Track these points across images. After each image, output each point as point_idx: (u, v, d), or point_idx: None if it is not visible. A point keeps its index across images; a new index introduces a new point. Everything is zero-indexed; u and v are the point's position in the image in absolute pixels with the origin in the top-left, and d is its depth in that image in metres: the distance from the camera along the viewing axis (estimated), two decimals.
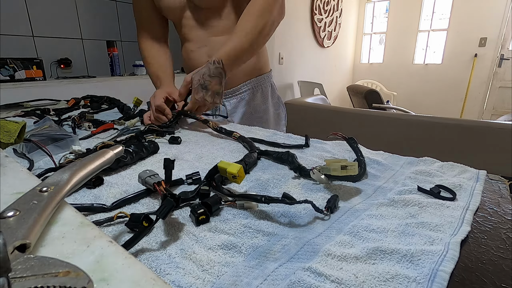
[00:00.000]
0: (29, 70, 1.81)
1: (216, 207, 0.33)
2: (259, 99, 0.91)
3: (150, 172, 0.36)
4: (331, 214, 0.33)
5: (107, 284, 0.16)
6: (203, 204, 0.33)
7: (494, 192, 0.39)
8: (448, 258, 0.25)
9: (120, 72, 2.32)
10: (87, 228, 0.21)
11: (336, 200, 0.35)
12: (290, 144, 0.56)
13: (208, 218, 0.31)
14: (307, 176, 0.42)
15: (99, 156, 0.30)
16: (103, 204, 0.34)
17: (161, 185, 0.33)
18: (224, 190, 0.36)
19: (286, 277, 0.24)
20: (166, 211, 0.28)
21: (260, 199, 0.33)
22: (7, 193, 0.24)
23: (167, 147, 0.56)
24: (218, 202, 0.34)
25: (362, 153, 0.43)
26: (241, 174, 0.34)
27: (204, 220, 0.31)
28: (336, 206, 0.35)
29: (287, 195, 0.33)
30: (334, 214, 0.34)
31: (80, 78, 2.04)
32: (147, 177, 0.35)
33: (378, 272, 0.24)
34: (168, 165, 0.38)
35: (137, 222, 0.28)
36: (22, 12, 2.01)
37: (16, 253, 0.17)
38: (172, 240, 0.28)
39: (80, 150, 0.48)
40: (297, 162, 0.45)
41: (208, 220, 0.31)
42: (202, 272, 0.24)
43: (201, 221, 0.31)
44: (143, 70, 2.40)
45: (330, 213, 0.33)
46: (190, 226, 0.31)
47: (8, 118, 0.73)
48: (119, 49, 2.50)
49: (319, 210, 0.33)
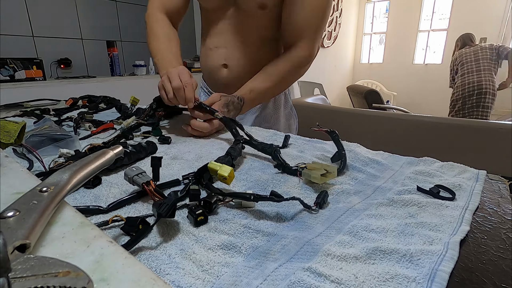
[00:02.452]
0: (29, 70, 1.81)
1: (215, 205, 0.33)
2: (271, 108, 0.87)
3: (137, 170, 0.34)
4: (330, 213, 0.33)
5: (107, 284, 0.16)
6: (203, 202, 0.33)
7: (494, 192, 0.39)
8: (448, 258, 0.25)
9: (120, 72, 2.32)
10: (87, 228, 0.21)
11: (325, 196, 0.35)
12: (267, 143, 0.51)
13: (206, 218, 0.31)
14: (291, 174, 0.44)
15: (99, 156, 0.30)
16: (99, 206, 0.33)
17: (150, 185, 0.32)
18: (215, 189, 0.36)
19: (286, 277, 0.24)
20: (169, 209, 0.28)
21: (249, 197, 0.33)
22: (7, 193, 0.24)
23: (166, 147, 0.56)
24: (216, 201, 0.34)
25: (343, 147, 0.45)
26: (231, 175, 0.34)
27: (203, 221, 0.31)
28: (325, 202, 0.35)
29: (275, 193, 0.33)
30: (333, 213, 0.34)
31: (80, 78, 2.04)
32: (135, 175, 0.34)
33: (378, 272, 0.24)
34: (155, 164, 0.37)
35: (133, 226, 0.28)
36: (22, 12, 2.01)
37: (16, 253, 0.17)
38: (171, 240, 0.28)
39: (69, 152, 0.47)
40: (280, 159, 0.46)
41: (206, 221, 0.31)
42: (202, 272, 0.24)
43: (200, 222, 0.31)
44: (143, 70, 2.40)
45: (319, 208, 0.34)
46: (189, 226, 0.31)
47: (8, 118, 0.73)
48: (119, 49, 2.50)
49: (307, 206, 0.34)
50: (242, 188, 0.40)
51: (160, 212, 0.27)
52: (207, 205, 0.33)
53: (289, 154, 0.52)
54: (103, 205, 0.33)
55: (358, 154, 0.51)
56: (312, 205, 0.34)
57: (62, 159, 0.46)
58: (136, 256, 0.26)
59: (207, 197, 0.33)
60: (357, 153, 0.51)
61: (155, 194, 0.32)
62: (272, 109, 0.87)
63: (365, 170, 0.46)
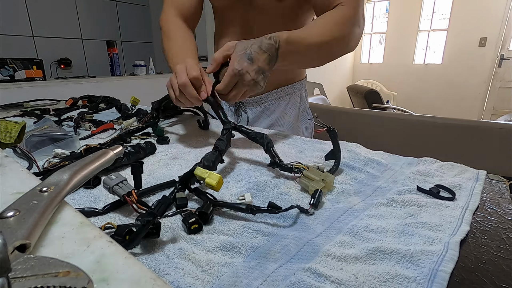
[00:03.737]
0: (29, 70, 1.81)
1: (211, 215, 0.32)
2: (286, 110, 0.80)
3: (117, 178, 0.31)
4: (330, 213, 0.33)
5: (107, 284, 0.16)
6: (199, 212, 0.31)
7: (494, 192, 0.39)
8: (448, 258, 0.25)
9: (120, 72, 2.32)
10: (87, 228, 0.21)
11: (319, 196, 0.35)
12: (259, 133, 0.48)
13: (201, 226, 0.30)
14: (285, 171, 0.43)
15: (99, 156, 0.30)
16: (94, 208, 0.33)
17: (131, 196, 0.30)
18: (208, 196, 0.34)
19: (286, 277, 0.24)
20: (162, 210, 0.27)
21: (245, 209, 0.32)
22: (7, 193, 0.24)
23: (166, 147, 0.56)
24: (212, 211, 0.32)
25: (339, 147, 0.44)
26: (220, 182, 0.32)
27: (197, 229, 0.30)
28: (320, 201, 0.35)
29: (273, 204, 0.32)
30: (333, 214, 0.34)
31: (80, 78, 2.04)
32: (115, 185, 0.30)
33: (378, 272, 0.24)
34: (136, 171, 0.34)
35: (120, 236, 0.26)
36: (22, 12, 2.01)
37: (16, 253, 0.17)
38: (170, 240, 0.28)
39: (64, 153, 0.47)
40: (273, 153, 0.44)
41: (201, 229, 0.30)
42: (202, 272, 0.24)
43: (194, 230, 0.29)
44: (143, 70, 2.39)
45: (315, 208, 0.34)
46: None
47: (8, 118, 0.73)
48: (119, 49, 2.49)
49: (305, 211, 0.33)
50: (240, 190, 0.39)
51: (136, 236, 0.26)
52: (203, 216, 0.31)
53: (289, 154, 0.52)
54: (103, 206, 0.33)
55: (358, 154, 0.51)
56: (307, 207, 0.33)
57: (56, 159, 0.46)
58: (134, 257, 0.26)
59: (204, 208, 0.32)
60: (357, 153, 0.51)
61: (138, 206, 0.30)
62: (287, 112, 0.81)
63: (365, 170, 0.46)
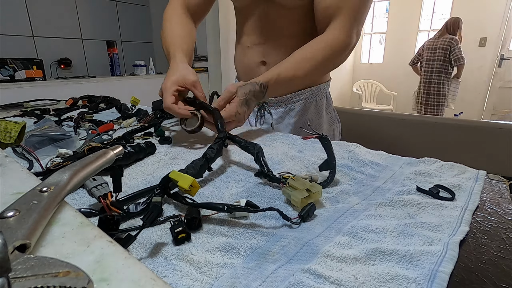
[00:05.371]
0: (29, 70, 1.81)
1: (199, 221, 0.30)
2: (312, 112, 0.79)
3: (97, 181, 0.32)
4: (329, 214, 0.33)
5: (107, 284, 0.16)
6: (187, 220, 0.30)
7: (494, 192, 0.39)
8: (447, 259, 0.25)
9: (120, 72, 2.32)
10: (87, 228, 0.21)
11: (310, 209, 0.33)
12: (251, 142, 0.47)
13: (189, 236, 0.28)
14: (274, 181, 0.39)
15: (99, 156, 0.30)
16: (91, 208, 0.32)
17: (107, 198, 0.30)
18: (183, 200, 0.33)
19: (285, 278, 0.24)
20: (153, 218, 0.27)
21: (222, 208, 0.31)
22: (7, 193, 0.24)
23: (166, 147, 0.56)
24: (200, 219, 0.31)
25: (334, 156, 0.41)
26: (194, 186, 0.31)
27: (184, 238, 0.28)
28: (310, 215, 0.33)
29: (250, 203, 0.32)
30: (333, 214, 0.33)
31: (80, 78, 2.04)
32: (93, 187, 0.31)
33: (378, 273, 0.24)
34: (115, 174, 0.33)
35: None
36: (22, 12, 2.01)
37: (16, 253, 0.17)
38: (168, 242, 0.28)
39: (67, 152, 0.47)
40: (262, 162, 0.41)
41: (189, 238, 0.28)
42: (200, 274, 0.24)
43: (181, 240, 0.28)
44: (143, 70, 2.40)
45: (302, 221, 0.32)
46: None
47: (8, 118, 0.73)
48: (119, 49, 2.50)
49: (287, 218, 0.31)
50: (232, 197, 0.37)
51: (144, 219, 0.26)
52: (193, 221, 0.30)
53: (289, 154, 0.52)
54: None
55: (358, 154, 0.51)
56: (295, 217, 0.32)
57: (59, 159, 0.46)
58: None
59: (193, 213, 0.30)
60: (357, 153, 0.51)
61: (112, 208, 0.30)
62: (314, 114, 0.80)
63: (364, 170, 0.46)
